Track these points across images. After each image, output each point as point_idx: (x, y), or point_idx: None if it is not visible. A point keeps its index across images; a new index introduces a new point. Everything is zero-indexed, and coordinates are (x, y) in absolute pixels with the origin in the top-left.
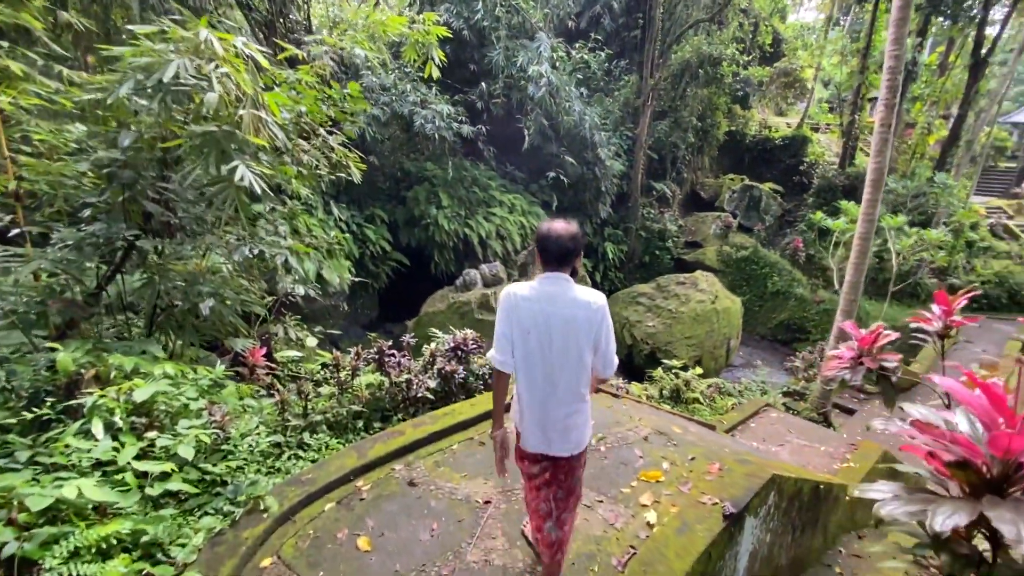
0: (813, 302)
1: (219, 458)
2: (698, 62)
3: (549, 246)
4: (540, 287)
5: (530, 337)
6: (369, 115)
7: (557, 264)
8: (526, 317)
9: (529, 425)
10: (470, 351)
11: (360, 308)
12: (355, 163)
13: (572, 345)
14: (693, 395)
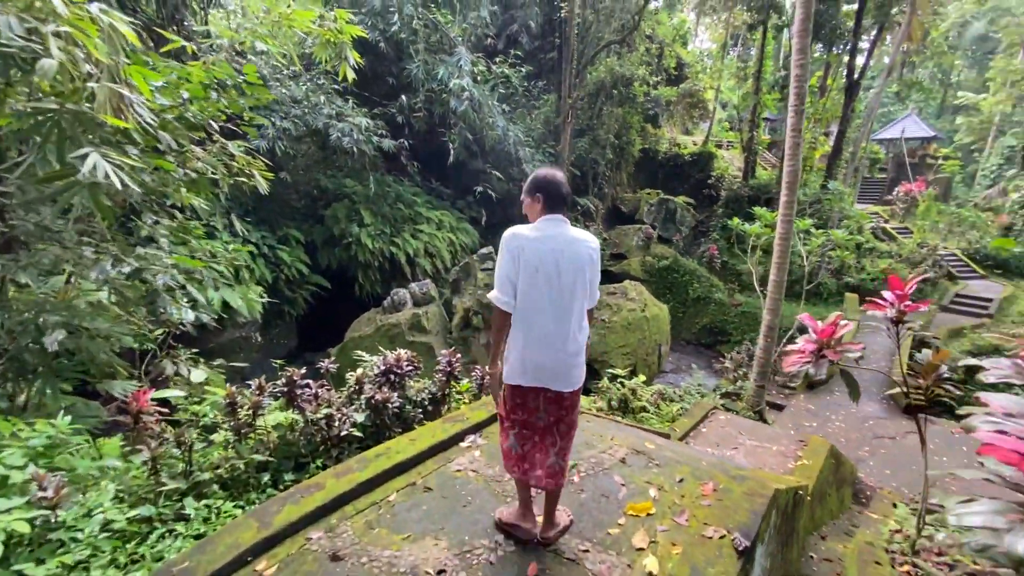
0: (731, 306)
1: (48, 552)
2: (612, 82)
3: (552, 190)
4: (544, 228)
5: (538, 275)
6: (279, 128)
7: (558, 206)
8: (533, 256)
9: (531, 364)
10: (405, 374)
11: (276, 338)
12: (260, 172)
13: (579, 280)
14: (640, 403)
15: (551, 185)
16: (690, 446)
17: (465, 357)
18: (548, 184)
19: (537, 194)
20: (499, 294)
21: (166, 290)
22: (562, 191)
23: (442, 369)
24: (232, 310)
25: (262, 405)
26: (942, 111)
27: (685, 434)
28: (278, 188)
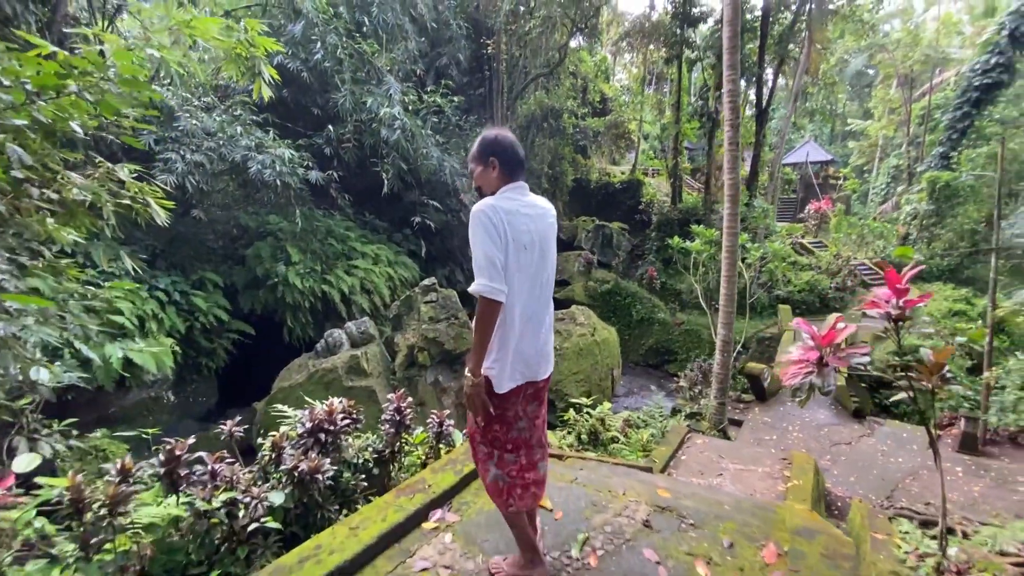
0: (674, 325)
1: None
2: (542, 115)
3: (510, 153)
4: (519, 198)
5: (526, 253)
6: (190, 162)
7: (518, 172)
8: (523, 232)
9: (520, 359)
10: (340, 430)
11: (192, 396)
12: (158, 200)
13: (553, 254)
14: (610, 434)
15: (507, 147)
16: (712, 486)
17: (412, 399)
18: (503, 146)
19: (492, 159)
20: (488, 281)
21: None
22: (519, 153)
23: (389, 418)
24: (138, 367)
25: (125, 497)
26: (832, 138)
27: (665, 464)
28: (191, 228)
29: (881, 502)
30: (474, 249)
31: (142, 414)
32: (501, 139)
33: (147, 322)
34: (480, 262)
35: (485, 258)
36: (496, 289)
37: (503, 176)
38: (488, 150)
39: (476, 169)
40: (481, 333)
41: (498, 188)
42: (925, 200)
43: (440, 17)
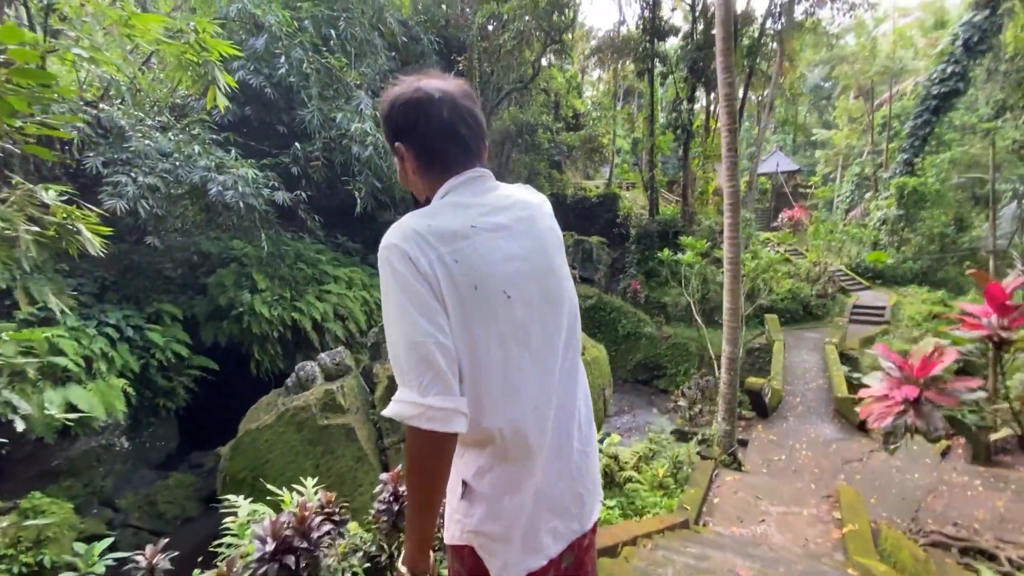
0: (662, 339)
1: None
2: (516, 130)
3: (435, 125)
4: (474, 200)
5: (516, 303)
6: (142, 185)
7: (472, 152)
8: (493, 264)
9: (541, 507)
10: (318, 541)
11: (149, 441)
12: (91, 227)
13: (565, 279)
14: (626, 474)
15: (422, 113)
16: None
17: (394, 435)
18: (433, 107)
19: (397, 144)
20: (417, 395)
21: None
22: (468, 117)
23: (384, 507)
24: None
25: None
26: (795, 148)
27: (699, 512)
28: (146, 256)
29: (908, 525)
30: (387, 330)
31: (91, 465)
32: (434, 96)
33: (95, 362)
34: (399, 358)
35: (407, 348)
36: (437, 411)
37: (426, 170)
38: (401, 125)
39: (397, 163)
40: (422, 492)
41: (434, 190)
42: (894, 205)
43: (410, 32)
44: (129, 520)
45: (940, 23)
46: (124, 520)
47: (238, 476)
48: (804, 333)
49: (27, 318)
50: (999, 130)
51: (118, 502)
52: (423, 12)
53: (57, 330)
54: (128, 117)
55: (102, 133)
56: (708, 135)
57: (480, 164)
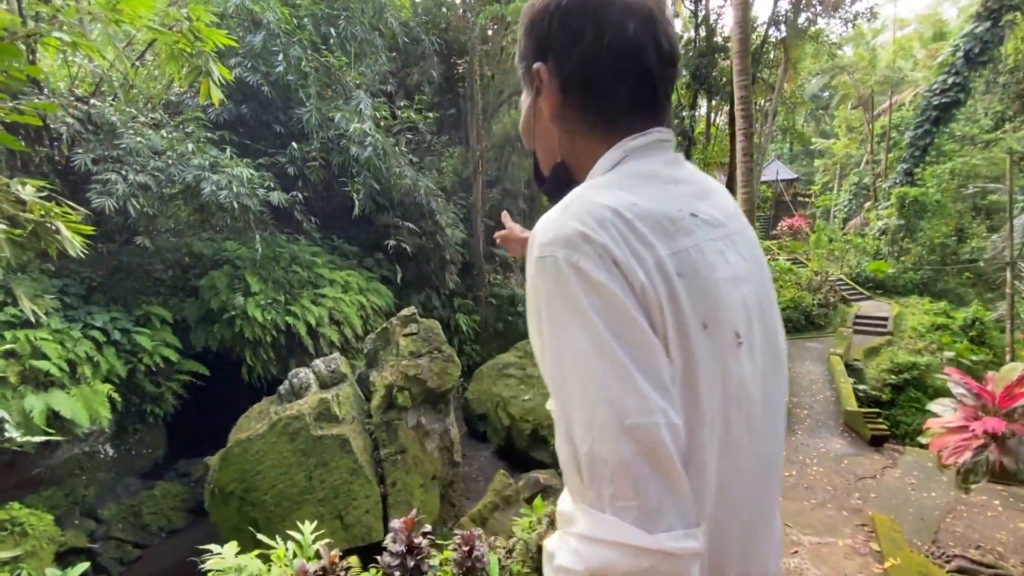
0: None
1: None
2: (517, 134)
3: (630, 40)
4: (674, 174)
5: (740, 357)
6: (133, 183)
7: (660, 101)
8: (722, 284)
9: None
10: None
11: (135, 448)
12: (71, 225)
13: (778, 323)
14: None
15: (606, 21)
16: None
17: (391, 447)
18: (591, 19)
19: (553, 64)
20: (642, 532)
21: None
22: (658, 43)
23: (397, 562)
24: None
25: None
26: (793, 157)
27: None
28: (135, 257)
29: (929, 548)
30: (557, 385)
31: (74, 474)
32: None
33: (79, 366)
34: (591, 445)
35: (616, 433)
36: (672, 560)
37: (579, 116)
38: (532, 40)
39: (526, 108)
40: None
41: (582, 155)
42: (895, 215)
43: (411, 33)
44: (112, 532)
45: (939, 35)
46: (107, 532)
47: (227, 488)
48: (806, 343)
49: (10, 320)
50: (1001, 141)
51: (101, 512)
52: (424, 13)
53: (41, 332)
54: (120, 113)
55: (92, 129)
56: (709, 142)
57: (667, 124)
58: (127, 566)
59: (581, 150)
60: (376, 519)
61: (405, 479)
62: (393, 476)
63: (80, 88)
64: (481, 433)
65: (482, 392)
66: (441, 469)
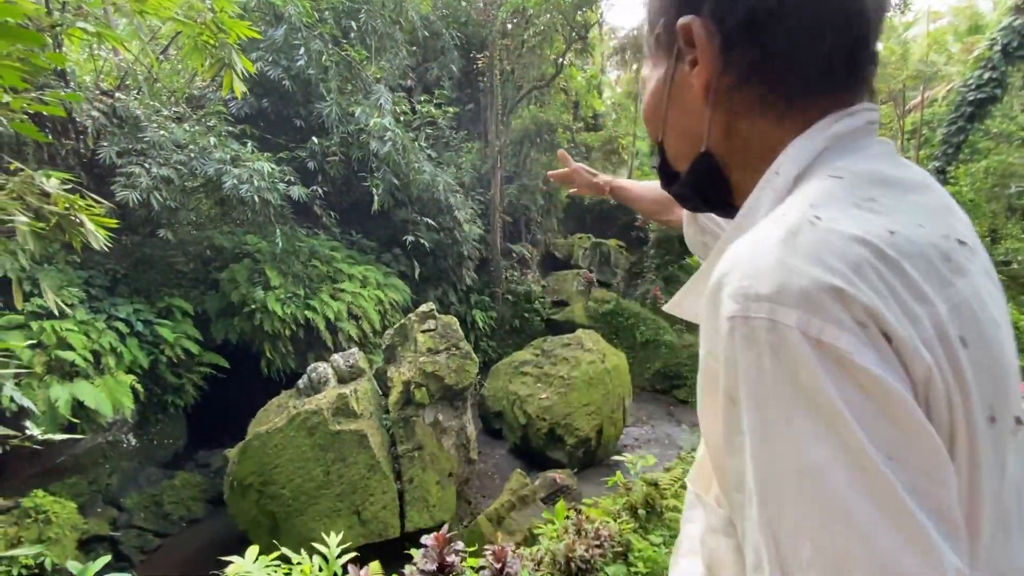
0: (682, 347)
1: None
2: (536, 129)
3: None
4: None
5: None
6: (156, 176)
7: (865, 68)
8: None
9: None
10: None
11: (156, 438)
12: (94, 218)
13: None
14: (667, 502)
15: None
16: None
17: (408, 443)
18: None
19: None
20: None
21: None
22: None
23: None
24: (91, 410)
25: None
26: None
27: None
28: (158, 250)
29: None
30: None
31: (97, 462)
32: None
33: (104, 357)
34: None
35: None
36: None
37: (749, 88)
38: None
39: (655, 82)
40: None
41: (760, 150)
42: None
43: (431, 27)
44: (134, 520)
45: (975, 28)
46: (128, 520)
47: (245, 481)
48: None
49: (36, 310)
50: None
51: (123, 501)
52: (444, 7)
53: (66, 323)
54: (144, 107)
55: (117, 123)
56: None
57: (871, 97)
58: (148, 555)
59: (744, 137)
60: (393, 515)
61: (422, 476)
62: (410, 472)
63: (105, 82)
64: (496, 431)
65: (498, 389)
66: (457, 466)
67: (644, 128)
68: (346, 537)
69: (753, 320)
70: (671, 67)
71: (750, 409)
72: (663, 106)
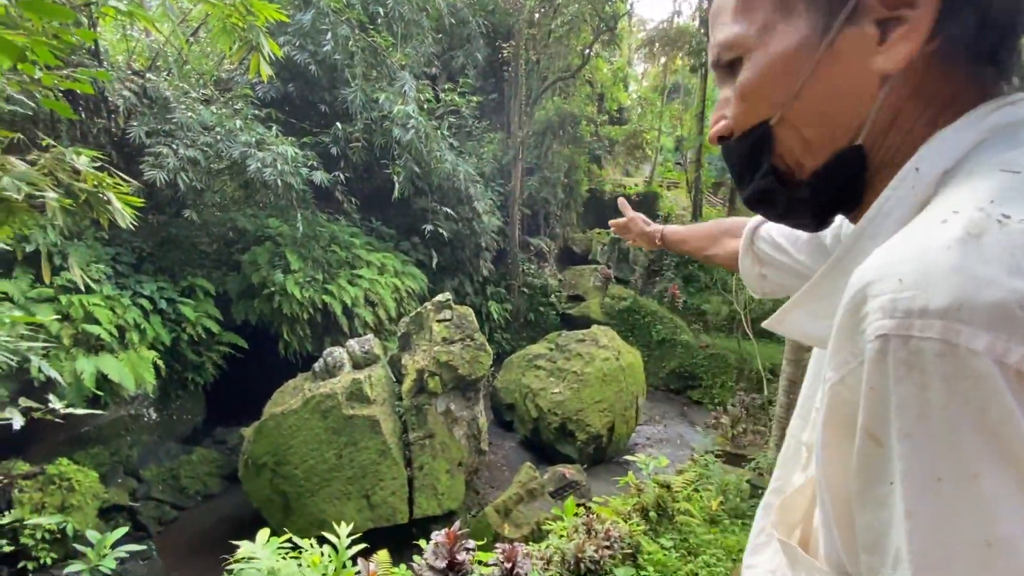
0: (699, 347)
1: None
2: (559, 121)
3: None
4: None
5: None
6: (183, 157)
7: None
8: None
9: None
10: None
11: (177, 414)
12: (121, 196)
13: None
14: (679, 505)
15: None
16: None
17: (419, 431)
18: None
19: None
20: None
21: None
22: None
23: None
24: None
25: None
26: None
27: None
28: (183, 230)
29: None
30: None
31: (119, 434)
32: None
33: (128, 333)
34: None
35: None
36: None
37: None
38: None
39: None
40: None
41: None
42: None
43: (458, 15)
44: (152, 492)
45: None
46: (147, 492)
47: (260, 460)
48: None
49: (65, 284)
50: None
51: (143, 473)
52: None
53: (93, 298)
54: (173, 88)
55: (147, 103)
56: None
57: None
58: (165, 526)
59: (906, 128)
60: (402, 501)
61: (432, 464)
62: (420, 460)
63: (137, 62)
64: (507, 422)
65: (511, 382)
66: (467, 456)
67: (669, 123)
68: (355, 521)
69: (917, 341)
70: (827, 27)
71: (908, 456)
72: (799, 79)
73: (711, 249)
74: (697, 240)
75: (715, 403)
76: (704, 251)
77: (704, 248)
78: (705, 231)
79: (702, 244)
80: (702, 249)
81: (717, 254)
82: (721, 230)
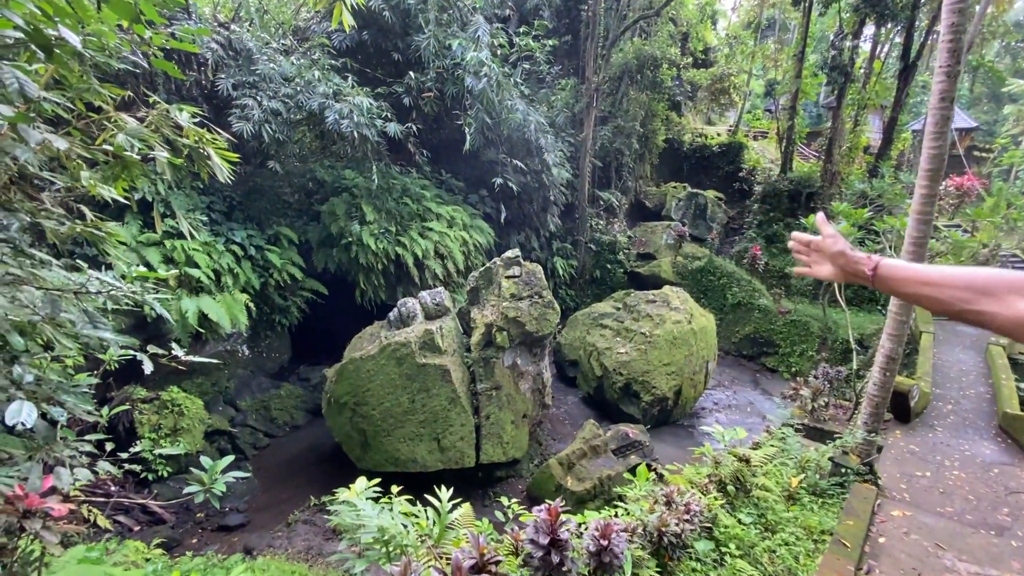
0: (778, 313)
1: None
2: (637, 65)
3: None
4: None
5: None
6: (267, 109)
7: None
8: None
9: None
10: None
11: (266, 351)
12: (220, 152)
13: None
14: (758, 480)
15: None
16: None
17: (487, 382)
18: None
19: None
20: None
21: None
22: None
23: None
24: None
25: None
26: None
27: (861, 553)
28: (267, 180)
29: None
30: None
31: (217, 367)
32: None
33: (223, 276)
34: None
35: None
36: None
37: None
38: None
39: None
40: None
41: None
42: None
43: None
44: (247, 420)
45: None
46: (243, 420)
47: (340, 399)
48: (958, 327)
49: (168, 230)
50: None
51: (239, 403)
52: None
53: (193, 244)
54: (256, 39)
55: (232, 55)
56: (869, 80)
57: None
58: (259, 451)
59: None
60: (469, 446)
61: (498, 414)
62: (487, 409)
63: (221, 13)
64: (571, 378)
65: (575, 339)
66: (532, 409)
67: (761, 65)
68: (426, 461)
69: None
70: None
71: None
72: None
73: (980, 304)
74: (951, 288)
75: (791, 372)
76: (966, 304)
77: (966, 301)
78: (966, 279)
79: (960, 295)
80: (961, 301)
81: (996, 313)
82: (1006, 284)
